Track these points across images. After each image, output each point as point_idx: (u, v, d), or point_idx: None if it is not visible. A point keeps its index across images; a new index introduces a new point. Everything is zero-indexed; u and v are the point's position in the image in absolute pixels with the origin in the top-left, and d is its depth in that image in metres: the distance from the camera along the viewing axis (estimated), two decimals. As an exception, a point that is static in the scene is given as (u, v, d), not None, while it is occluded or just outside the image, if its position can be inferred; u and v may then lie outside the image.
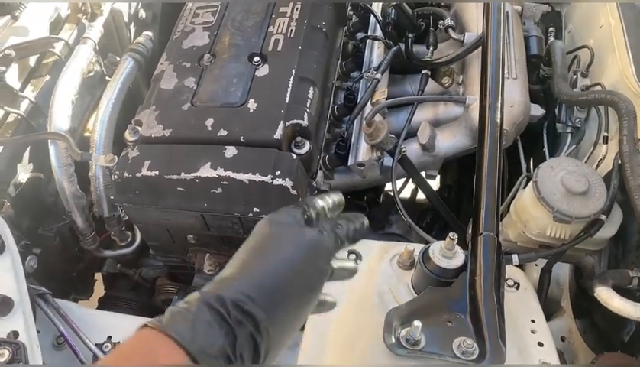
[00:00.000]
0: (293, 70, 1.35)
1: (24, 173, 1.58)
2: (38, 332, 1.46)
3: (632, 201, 1.11)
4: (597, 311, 1.35)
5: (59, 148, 1.50)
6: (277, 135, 1.24)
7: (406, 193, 2.15)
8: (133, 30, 2.07)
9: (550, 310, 1.68)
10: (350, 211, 1.68)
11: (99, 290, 1.98)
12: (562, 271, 1.62)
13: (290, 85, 1.32)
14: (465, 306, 1.01)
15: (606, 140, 1.45)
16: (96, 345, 1.44)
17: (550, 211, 1.15)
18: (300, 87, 1.33)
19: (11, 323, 1.21)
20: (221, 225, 1.34)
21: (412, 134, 1.53)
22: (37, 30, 1.74)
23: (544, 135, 1.73)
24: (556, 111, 1.68)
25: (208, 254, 1.38)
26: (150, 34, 1.82)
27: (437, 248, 1.06)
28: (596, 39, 1.65)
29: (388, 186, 1.99)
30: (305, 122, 1.28)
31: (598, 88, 1.49)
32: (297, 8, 1.48)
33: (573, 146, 1.60)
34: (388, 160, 1.47)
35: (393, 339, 0.97)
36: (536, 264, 1.63)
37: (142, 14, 2.08)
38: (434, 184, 2.09)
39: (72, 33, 1.81)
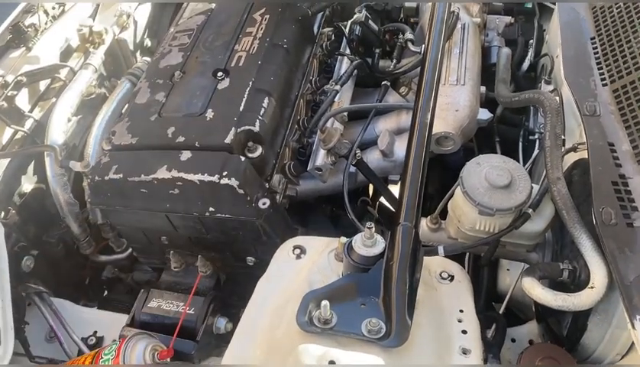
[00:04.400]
0: (250, 82, 1.47)
1: (27, 184, 1.77)
2: (27, 323, 1.63)
3: (551, 192, 1.15)
4: (550, 313, 1.37)
5: (53, 160, 1.68)
6: (228, 140, 1.36)
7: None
8: (139, 57, 2.26)
9: (526, 316, 1.69)
10: (317, 217, 1.77)
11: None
12: (533, 275, 1.64)
13: (246, 95, 1.44)
14: (379, 290, 1.08)
15: (563, 143, 1.49)
16: (82, 339, 1.59)
17: (473, 204, 1.20)
18: (255, 97, 1.45)
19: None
20: (184, 225, 1.45)
21: (376, 142, 1.62)
22: (48, 58, 1.95)
23: (520, 144, 1.77)
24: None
25: (172, 252, 1.50)
26: (147, 59, 1.99)
27: (359, 239, 1.14)
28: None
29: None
30: (256, 128, 1.39)
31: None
32: (262, 28, 1.61)
33: (537, 151, 1.64)
34: (352, 168, 1.56)
35: (305, 319, 1.05)
36: (508, 269, 1.66)
37: (147, 42, 2.28)
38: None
39: (78, 60, 2.01)
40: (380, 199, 2.14)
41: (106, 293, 2.00)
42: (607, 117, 1.19)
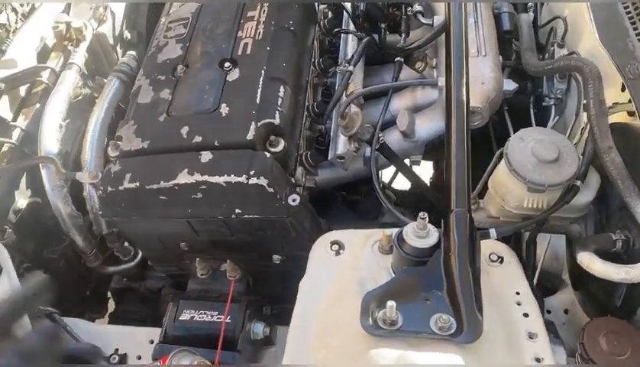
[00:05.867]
0: (263, 71, 1.37)
1: (22, 200, 1.64)
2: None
3: (603, 163, 1.10)
4: (592, 280, 1.34)
5: (51, 171, 1.55)
6: (250, 136, 1.27)
7: (408, 184, 2.16)
8: (120, 51, 2.12)
9: (553, 285, 1.67)
10: (337, 206, 1.71)
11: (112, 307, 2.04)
12: (560, 245, 1.61)
13: (260, 85, 1.35)
14: (441, 283, 1.02)
15: (585, 107, 1.45)
16: (104, 358, 1.50)
17: (523, 182, 1.15)
18: (270, 87, 1.36)
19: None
20: (208, 229, 1.37)
21: (392, 122, 1.55)
22: (25, 61, 1.80)
23: (532, 110, 1.73)
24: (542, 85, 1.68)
25: (198, 259, 1.41)
26: (133, 53, 1.86)
27: (410, 229, 1.07)
28: (570, 9, 1.64)
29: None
30: (277, 121, 1.31)
31: (574, 56, 1.48)
32: (264, 11, 1.51)
33: (557, 117, 1.60)
34: (369, 151, 1.48)
35: (370, 321, 0.99)
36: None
37: (127, 35, 2.14)
38: (428, 171, 2.10)
39: (58, 60, 1.86)
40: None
41: (115, 305, 1.90)
42: (653, 78, 1.15)
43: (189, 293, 1.41)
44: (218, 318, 1.31)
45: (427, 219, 1.05)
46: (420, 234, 1.06)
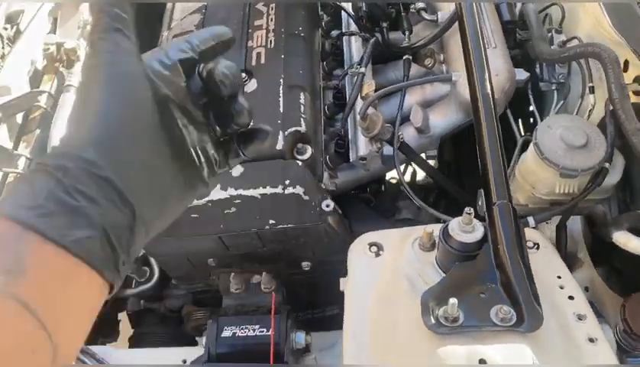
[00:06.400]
0: (281, 80, 1.37)
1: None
2: (79, 382, 1.48)
3: (632, 144, 1.14)
4: (616, 256, 1.39)
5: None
6: (279, 146, 1.26)
7: (405, 178, 2.19)
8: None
9: (569, 265, 1.72)
10: (355, 206, 1.72)
11: (124, 330, 2.00)
12: (574, 225, 1.66)
13: (281, 94, 1.34)
14: (494, 275, 1.04)
15: (592, 90, 1.49)
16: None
17: (555, 169, 1.18)
18: (291, 95, 1.35)
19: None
20: (239, 243, 1.35)
21: (404, 119, 1.56)
22: (17, 87, 1.74)
23: (530, 97, 1.77)
24: (537, 71, 1.72)
25: (233, 274, 1.39)
26: (128, 70, 1.82)
27: (455, 225, 1.09)
28: (566, -4, 1.69)
29: (389, 175, 2.03)
30: (303, 128, 1.30)
31: (575, 42, 1.52)
32: (272, 19, 1.50)
33: (561, 102, 1.64)
34: (387, 150, 1.49)
35: (433, 320, 1.00)
36: (547, 223, 1.67)
37: (117, 51, 2.08)
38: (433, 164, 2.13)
39: (52, 83, 1.81)
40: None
41: (134, 328, 1.86)
42: (670, 59, 1.19)
43: (225, 309, 1.39)
44: (260, 331, 1.30)
45: (472, 213, 1.07)
46: (466, 229, 1.08)
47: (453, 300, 0.97)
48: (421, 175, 2.09)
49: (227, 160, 0.68)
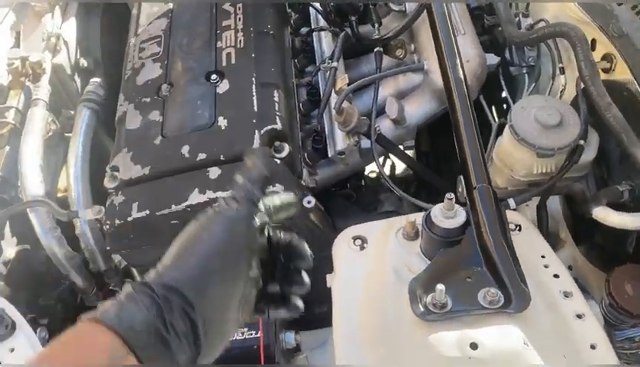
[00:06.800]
0: (253, 78, 1.36)
1: (10, 249, 1.55)
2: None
3: (605, 119, 1.15)
4: (597, 232, 1.40)
5: (40, 215, 1.48)
6: (256, 145, 1.25)
7: (385, 171, 2.19)
8: (78, 80, 2.03)
9: (551, 245, 1.73)
10: (338, 202, 1.71)
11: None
12: (554, 205, 1.67)
13: (254, 93, 1.33)
14: (479, 258, 1.04)
15: (562, 71, 1.51)
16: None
17: (532, 149, 1.19)
18: (264, 93, 1.34)
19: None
20: (221, 246, 1.33)
21: (379, 111, 1.56)
22: (-18, 104, 1.70)
23: (502, 81, 1.78)
24: (507, 55, 1.73)
25: (216, 279, 1.37)
26: (98, 80, 1.79)
27: (437, 212, 1.09)
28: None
29: (368, 169, 2.03)
30: (279, 126, 1.29)
31: (542, 24, 1.54)
32: (239, 18, 1.49)
33: (533, 84, 1.65)
34: (364, 143, 1.49)
35: (421, 308, 0.99)
36: (527, 205, 1.69)
37: (83, 62, 2.05)
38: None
39: (19, 98, 1.77)
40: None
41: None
42: (636, 35, 1.20)
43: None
44: (249, 334, 1.28)
45: (454, 199, 1.07)
46: (448, 214, 1.08)
47: (440, 287, 0.97)
48: (400, 167, 2.09)
49: (265, 310, 0.80)
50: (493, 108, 1.88)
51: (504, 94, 1.81)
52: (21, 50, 1.86)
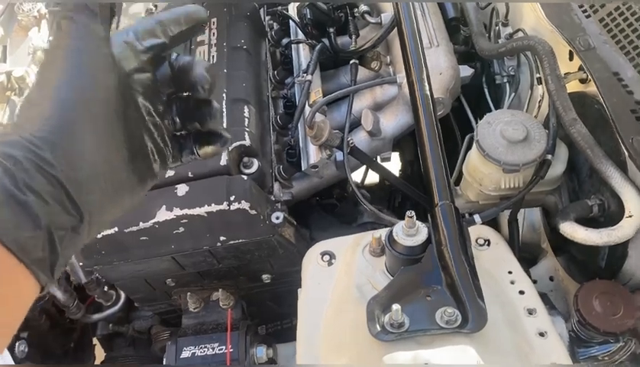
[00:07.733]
0: (224, 94, 1.36)
1: (-9, 263, 1.57)
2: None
3: (570, 134, 1.14)
4: (572, 245, 1.39)
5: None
6: (223, 162, 1.25)
7: (375, 178, 2.18)
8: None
9: (534, 255, 1.72)
10: (317, 214, 1.71)
11: (99, 354, 1.98)
12: (535, 216, 1.66)
13: (224, 109, 1.33)
14: (439, 277, 1.04)
15: (539, 81, 1.49)
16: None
17: (497, 165, 1.18)
18: (234, 109, 1.35)
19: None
20: (193, 262, 1.35)
21: (356, 124, 1.56)
22: (-32, 119, 1.73)
23: (486, 91, 1.77)
24: (495, 64, 1.72)
25: (189, 293, 1.39)
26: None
27: (399, 229, 1.08)
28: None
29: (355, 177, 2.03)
30: (247, 142, 1.30)
31: (520, 34, 1.52)
32: (214, 33, 1.50)
33: (513, 94, 1.64)
34: (340, 155, 1.49)
35: (378, 328, 0.99)
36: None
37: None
38: (395, 164, 2.13)
39: (4, 112, 1.80)
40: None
41: (105, 352, 1.84)
42: (603, 48, 1.19)
43: (184, 329, 1.39)
44: (219, 349, 1.29)
45: (414, 216, 1.06)
46: (410, 232, 1.08)
47: (396, 307, 0.97)
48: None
49: (181, 156, 0.63)
50: (478, 118, 1.87)
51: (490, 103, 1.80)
52: (6, 64, 1.88)
